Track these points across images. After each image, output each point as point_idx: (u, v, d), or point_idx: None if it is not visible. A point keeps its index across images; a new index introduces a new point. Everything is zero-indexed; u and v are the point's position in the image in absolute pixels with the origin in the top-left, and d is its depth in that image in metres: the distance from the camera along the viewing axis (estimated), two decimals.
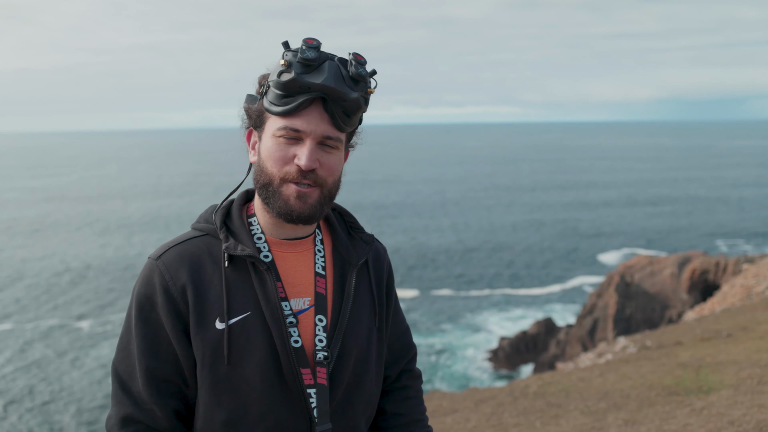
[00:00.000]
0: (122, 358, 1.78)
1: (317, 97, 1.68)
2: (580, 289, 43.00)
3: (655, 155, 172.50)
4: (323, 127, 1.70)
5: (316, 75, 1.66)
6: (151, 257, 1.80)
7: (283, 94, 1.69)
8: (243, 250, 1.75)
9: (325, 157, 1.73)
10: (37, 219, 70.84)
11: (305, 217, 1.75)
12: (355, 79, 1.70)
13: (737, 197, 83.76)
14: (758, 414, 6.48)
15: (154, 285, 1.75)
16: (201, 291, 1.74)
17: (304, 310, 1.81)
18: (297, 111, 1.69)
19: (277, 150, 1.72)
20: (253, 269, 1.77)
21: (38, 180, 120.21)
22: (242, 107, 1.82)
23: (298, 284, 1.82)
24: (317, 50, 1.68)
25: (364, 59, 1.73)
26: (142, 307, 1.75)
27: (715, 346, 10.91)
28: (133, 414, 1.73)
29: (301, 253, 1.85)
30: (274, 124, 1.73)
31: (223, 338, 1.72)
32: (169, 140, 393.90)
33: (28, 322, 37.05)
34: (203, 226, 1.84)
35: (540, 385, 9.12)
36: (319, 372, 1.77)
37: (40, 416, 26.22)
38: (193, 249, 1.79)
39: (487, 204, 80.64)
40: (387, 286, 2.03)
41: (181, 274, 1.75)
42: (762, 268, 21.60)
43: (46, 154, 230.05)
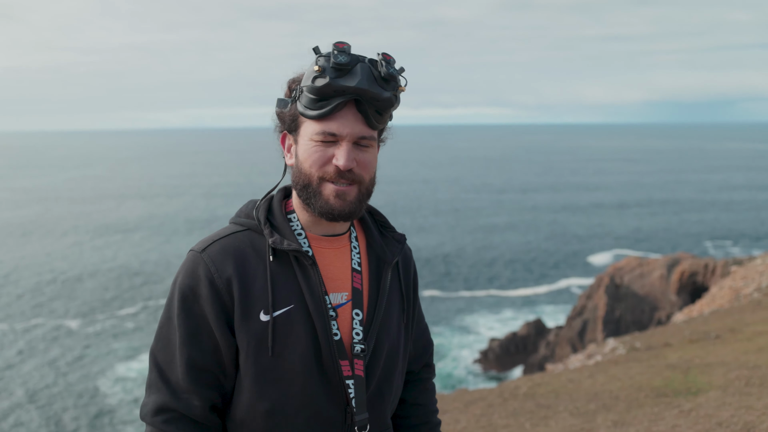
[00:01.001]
0: (162, 347, 1.82)
1: (351, 99, 1.73)
2: (569, 291, 43.12)
3: (646, 157, 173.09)
4: (358, 128, 1.76)
5: (349, 78, 1.71)
6: (194, 250, 1.84)
7: (317, 98, 1.73)
8: (289, 245, 1.80)
9: (360, 155, 1.79)
10: (27, 220, 70.50)
11: (346, 215, 1.81)
12: (386, 79, 1.75)
13: (726, 200, 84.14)
14: (746, 415, 6.51)
15: (198, 277, 1.79)
16: (246, 284, 1.79)
17: (342, 304, 1.87)
18: (332, 114, 1.74)
19: (315, 152, 1.77)
20: (297, 263, 1.82)
21: (26, 180, 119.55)
22: (275, 112, 1.87)
23: (336, 279, 1.88)
24: (348, 54, 1.72)
25: (393, 58, 1.78)
26: (186, 298, 1.79)
27: (703, 347, 10.96)
28: (169, 403, 1.77)
29: (338, 249, 1.92)
30: (310, 128, 1.78)
31: (267, 330, 1.77)
32: (159, 140, 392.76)
33: (17, 323, 36.91)
34: (244, 221, 1.89)
35: (530, 386, 9.13)
36: (357, 364, 1.84)
37: (28, 416, 26.13)
38: (237, 243, 1.84)
39: (477, 205, 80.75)
40: (414, 286, 2.11)
41: (226, 266, 1.79)
42: (750, 271, 21.70)
43: (34, 154, 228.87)
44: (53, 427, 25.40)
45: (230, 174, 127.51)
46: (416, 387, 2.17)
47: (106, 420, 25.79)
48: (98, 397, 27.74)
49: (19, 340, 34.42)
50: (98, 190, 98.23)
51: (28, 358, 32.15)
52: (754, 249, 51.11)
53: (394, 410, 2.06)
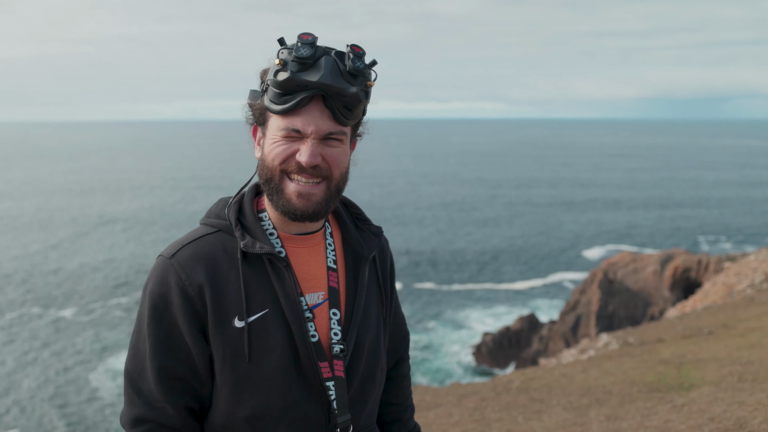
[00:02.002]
0: (132, 357, 1.77)
1: (316, 94, 1.66)
2: (562, 285, 43.19)
3: (640, 153, 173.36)
4: (325, 124, 1.69)
5: (312, 72, 1.63)
6: (163, 255, 1.77)
7: (281, 93, 1.67)
8: (261, 247, 1.74)
9: (328, 150, 1.72)
10: (19, 212, 70.33)
11: (309, 215, 1.75)
12: (353, 74, 1.67)
13: (720, 196, 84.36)
14: (738, 410, 6.53)
15: (169, 284, 1.72)
16: (218, 290, 1.73)
17: (318, 304, 1.82)
18: (297, 109, 1.67)
19: (278, 146, 1.72)
20: (270, 266, 1.76)
21: (19, 171, 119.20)
22: (246, 103, 1.81)
23: (312, 279, 1.83)
24: (312, 46, 1.65)
25: (362, 51, 1.70)
26: (156, 307, 1.73)
27: (696, 343, 10.99)
28: (145, 413, 1.72)
29: (312, 248, 1.85)
30: (275, 123, 1.72)
31: (242, 337, 1.72)
32: (153, 132, 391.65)
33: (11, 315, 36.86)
34: (215, 222, 1.82)
35: (523, 380, 9.15)
36: (336, 365, 1.79)
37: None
38: (208, 247, 1.78)
39: (470, 199, 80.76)
40: (390, 279, 2.05)
41: (197, 273, 1.73)
42: (743, 267, 21.76)
43: (27, 145, 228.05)
44: (42, 418, 25.35)
45: (225, 166, 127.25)
46: (392, 384, 2.12)
47: (96, 411, 25.75)
48: (88, 388, 27.71)
49: (11, 329, 34.35)
50: (92, 182, 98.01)
51: (18, 347, 32.08)
52: (748, 245, 51.26)
53: (378, 407, 2.01)
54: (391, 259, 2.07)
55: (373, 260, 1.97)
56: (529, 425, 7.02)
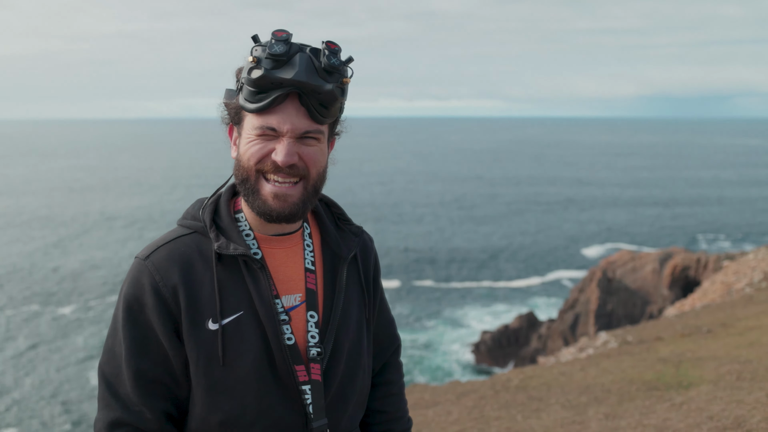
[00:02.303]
0: (108, 360, 1.74)
1: (291, 91, 1.63)
2: (561, 284, 43.19)
3: (638, 152, 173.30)
4: (301, 122, 1.67)
5: (287, 69, 1.62)
6: (138, 257, 1.76)
7: (255, 91, 1.64)
8: (236, 249, 1.71)
9: (304, 149, 1.70)
10: (15, 209, 70.26)
11: (285, 216, 1.73)
12: (329, 70, 1.65)
13: (719, 194, 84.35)
14: (737, 409, 6.53)
15: (143, 286, 1.71)
16: (193, 292, 1.71)
17: (295, 306, 1.79)
18: (272, 107, 1.65)
19: (254, 145, 1.69)
20: (245, 267, 1.74)
21: (18, 168, 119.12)
22: (222, 102, 1.79)
23: (289, 281, 1.80)
24: (287, 43, 1.63)
25: (338, 47, 1.68)
26: (131, 308, 1.71)
27: (695, 341, 10.99)
28: (121, 417, 1.69)
29: (290, 249, 1.83)
30: (250, 122, 1.69)
31: (216, 339, 1.70)
32: (151, 129, 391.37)
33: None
34: (191, 223, 1.80)
35: (521, 378, 9.15)
36: (313, 368, 1.76)
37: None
38: (183, 248, 1.75)
39: (470, 198, 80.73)
40: (374, 278, 2.01)
41: (171, 274, 1.71)
42: (742, 265, 21.76)
43: (24, 142, 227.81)
44: (42, 416, 25.34)
45: (223, 164, 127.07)
46: (380, 391, 2.06)
47: (95, 410, 25.75)
48: (89, 386, 27.70)
49: (11, 326, 34.33)
50: (92, 180, 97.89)
51: (18, 345, 32.06)
52: (747, 244, 51.28)
53: (363, 411, 1.97)
54: (376, 259, 2.03)
55: (353, 260, 1.93)
56: (528, 423, 7.02)
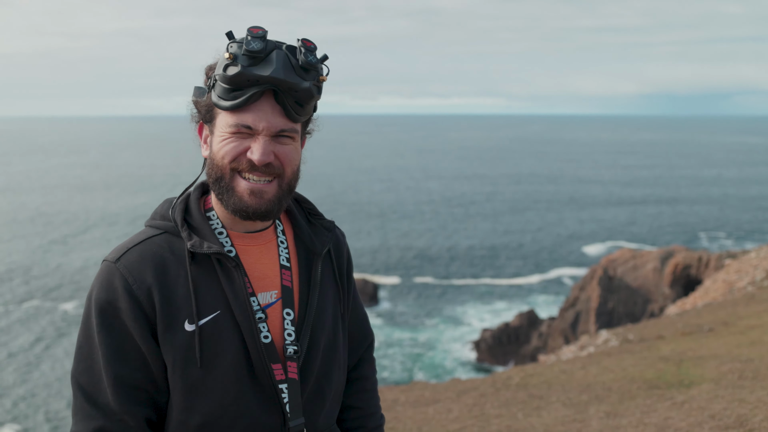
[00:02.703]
0: (84, 369, 1.68)
1: (267, 89, 1.61)
2: (562, 282, 43.22)
3: (640, 150, 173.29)
4: (276, 120, 1.65)
5: (263, 67, 1.59)
6: (108, 260, 1.70)
7: (230, 88, 1.62)
8: (209, 247, 1.68)
9: (280, 148, 1.68)
10: (19, 206, 70.36)
11: (261, 213, 1.70)
12: (305, 68, 1.64)
13: (721, 193, 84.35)
14: (738, 408, 6.51)
15: (116, 289, 1.66)
16: (167, 293, 1.67)
17: (271, 303, 1.77)
18: (247, 105, 1.62)
19: (228, 144, 1.67)
20: (219, 266, 1.71)
21: (20, 166, 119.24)
22: (191, 100, 1.76)
23: (264, 278, 1.78)
24: (263, 40, 1.61)
25: (314, 45, 1.67)
26: (104, 313, 1.66)
27: (696, 340, 10.98)
28: (104, 426, 1.64)
29: (264, 245, 1.80)
30: (224, 120, 1.67)
31: (194, 341, 1.66)
32: (151, 127, 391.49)
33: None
34: (160, 224, 1.76)
35: (522, 376, 9.13)
36: (290, 366, 1.74)
37: None
38: (155, 249, 1.71)
39: (470, 195, 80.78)
40: (347, 273, 2.00)
41: (145, 276, 1.66)
42: (744, 264, 21.75)
43: (25, 140, 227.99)
44: (47, 413, 25.39)
45: None
46: (354, 387, 2.03)
47: None
48: None
49: (14, 324, 34.41)
50: (94, 178, 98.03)
51: (20, 340, 32.13)
52: (748, 242, 51.29)
53: (339, 407, 1.95)
54: (348, 253, 2.01)
55: (327, 256, 1.92)
56: (529, 421, 7.00)
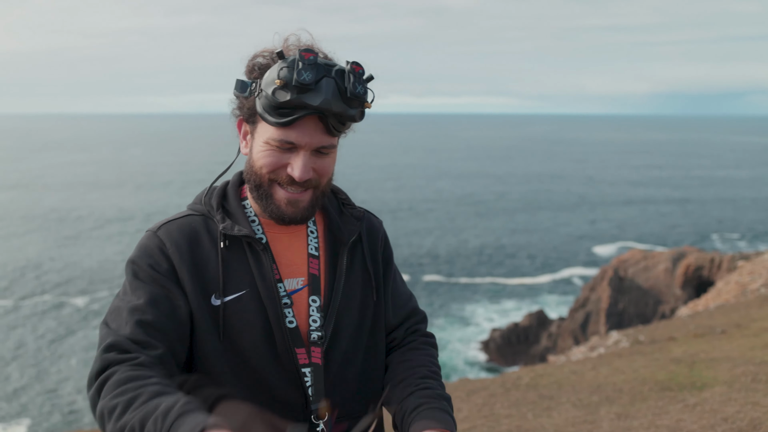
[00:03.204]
0: (114, 315, 1.71)
1: (314, 114, 1.67)
2: (572, 282, 43.12)
3: (651, 150, 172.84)
4: (318, 138, 1.71)
5: (313, 96, 1.64)
6: (150, 230, 1.82)
7: (277, 107, 1.67)
8: (240, 230, 1.78)
9: (319, 162, 1.75)
10: (32, 204, 70.82)
11: (297, 220, 1.80)
12: (352, 97, 1.68)
13: (733, 193, 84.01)
14: (752, 411, 6.45)
15: (152, 251, 1.76)
16: (199, 266, 1.76)
17: (297, 290, 1.84)
18: (291, 124, 1.68)
19: (269, 156, 1.74)
20: (249, 249, 1.80)
21: (32, 163, 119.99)
22: (233, 93, 1.80)
23: (292, 265, 1.85)
24: (314, 67, 1.64)
25: (362, 70, 1.70)
26: (138, 270, 1.74)
27: (708, 342, 10.91)
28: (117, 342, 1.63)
29: (293, 234, 1.88)
30: (267, 132, 1.73)
31: (219, 314, 1.74)
32: (162, 124, 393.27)
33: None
34: (199, 208, 1.87)
35: (532, 377, 9.10)
36: (314, 351, 1.80)
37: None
38: (193, 225, 1.83)
39: (480, 194, 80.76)
40: (384, 259, 2.03)
41: (180, 244, 1.77)
42: (757, 266, 21.64)
43: (38, 137, 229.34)
44: (49, 407, 25.54)
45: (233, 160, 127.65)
46: (400, 350, 2.00)
47: None
48: None
49: (19, 316, 34.63)
50: (106, 175, 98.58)
51: (30, 335, 32.34)
52: (762, 244, 51.04)
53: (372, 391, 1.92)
54: (384, 240, 2.06)
55: (357, 244, 1.96)
56: (539, 422, 6.97)
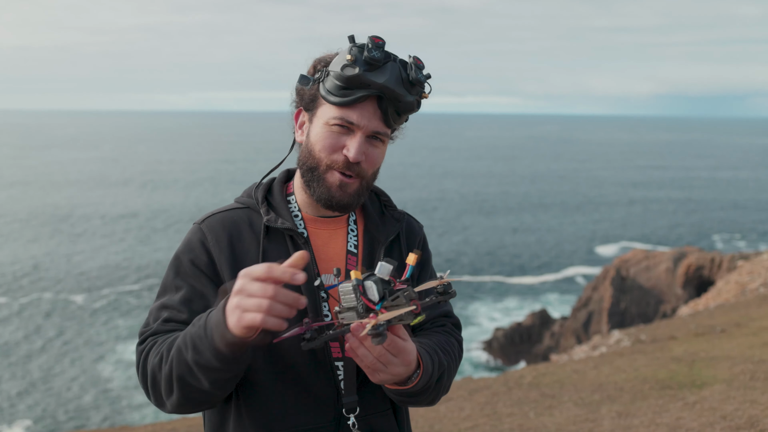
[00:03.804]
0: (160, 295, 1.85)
1: (375, 94, 1.75)
2: (575, 282, 43.08)
3: (654, 150, 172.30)
4: (375, 123, 1.79)
5: (378, 74, 1.73)
6: (195, 222, 1.91)
7: (342, 86, 1.75)
8: (283, 223, 1.85)
9: (371, 150, 1.82)
10: (37, 201, 70.65)
11: (344, 205, 1.84)
12: (413, 83, 1.77)
13: (735, 194, 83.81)
14: (750, 409, 6.53)
15: (194, 245, 1.85)
16: (238, 257, 1.83)
17: (333, 285, 1.82)
18: (353, 104, 1.76)
19: (328, 137, 1.80)
20: (291, 242, 1.86)
21: (36, 160, 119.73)
22: (295, 87, 1.89)
23: (330, 260, 1.90)
24: (382, 50, 1.74)
25: (423, 64, 1.80)
26: (180, 264, 1.84)
27: (708, 341, 10.97)
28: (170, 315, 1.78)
29: (334, 231, 1.94)
30: (328, 112, 1.80)
31: None
32: (167, 122, 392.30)
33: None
34: (245, 200, 1.95)
35: (534, 375, 9.16)
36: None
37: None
38: (236, 218, 1.90)
39: (484, 193, 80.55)
40: (422, 260, 2.06)
41: (221, 237, 1.85)
42: (757, 265, 21.67)
43: (44, 133, 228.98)
44: (54, 407, 25.55)
45: (239, 159, 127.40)
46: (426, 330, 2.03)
47: (107, 402, 25.93)
48: (100, 379, 27.90)
49: (22, 314, 34.63)
50: (111, 172, 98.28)
51: (31, 333, 32.34)
52: (762, 244, 50.97)
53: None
54: (423, 242, 2.13)
55: (395, 243, 2.03)
56: (541, 420, 7.05)
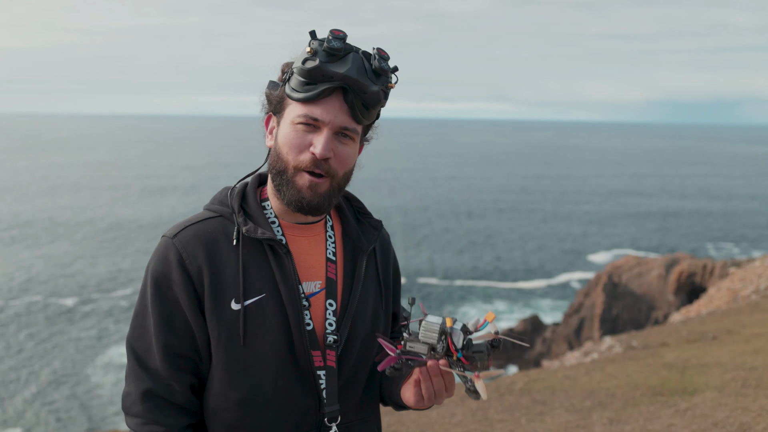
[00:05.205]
0: (138, 336, 1.80)
1: (338, 87, 1.71)
2: (567, 288, 43.14)
3: (647, 157, 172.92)
4: (341, 118, 1.74)
5: (339, 65, 1.70)
6: (166, 236, 1.82)
7: (305, 81, 1.73)
8: (263, 233, 1.78)
9: (340, 147, 1.77)
10: (28, 205, 70.49)
11: (314, 207, 1.79)
12: (377, 73, 1.75)
13: (727, 201, 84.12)
14: (742, 416, 6.52)
15: (170, 262, 1.77)
16: (217, 271, 1.77)
17: (315, 293, 1.86)
18: (317, 99, 1.72)
19: (294, 137, 1.76)
20: (271, 252, 1.81)
21: (27, 162, 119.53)
22: (263, 93, 1.86)
23: (310, 268, 1.86)
24: (343, 41, 1.72)
25: (387, 55, 1.77)
26: (158, 284, 1.77)
27: (700, 348, 10.98)
28: (152, 388, 1.76)
29: (312, 238, 1.90)
30: (293, 111, 1.76)
31: (238, 319, 1.75)
32: (161, 126, 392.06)
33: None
34: (217, 208, 1.87)
35: (526, 381, 9.15)
36: (329, 354, 1.82)
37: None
38: (210, 229, 1.82)
39: (476, 200, 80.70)
40: (394, 273, 2.08)
41: (197, 253, 1.77)
42: (748, 272, 21.72)
43: (36, 137, 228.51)
44: (42, 413, 25.43)
45: (230, 163, 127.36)
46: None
47: (95, 406, 25.83)
48: (89, 383, 27.79)
49: (12, 316, 34.49)
50: (102, 177, 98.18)
51: (20, 335, 32.20)
52: (753, 251, 51.14)
53: (376, 397, 2.01)
54: (394, 255, 2.11)
55: (372, 253, 2.00)
56: (532, 427, 7.02)
